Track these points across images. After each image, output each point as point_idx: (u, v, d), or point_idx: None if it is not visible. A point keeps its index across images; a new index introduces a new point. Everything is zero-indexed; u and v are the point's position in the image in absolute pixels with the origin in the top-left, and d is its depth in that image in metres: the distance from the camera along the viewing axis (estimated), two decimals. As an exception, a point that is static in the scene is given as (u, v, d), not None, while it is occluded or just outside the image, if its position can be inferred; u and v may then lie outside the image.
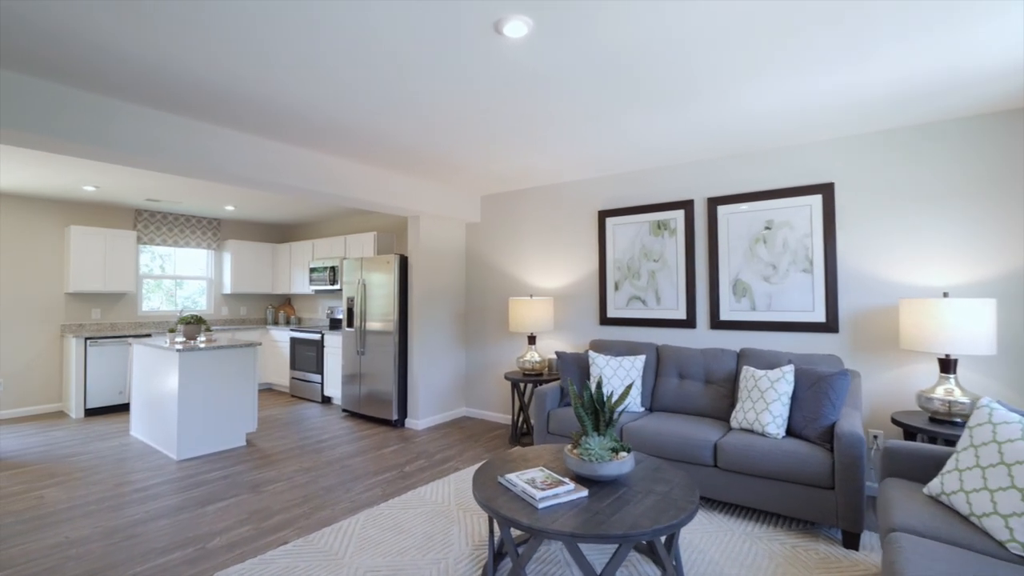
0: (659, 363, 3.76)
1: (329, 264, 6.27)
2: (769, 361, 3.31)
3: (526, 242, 4.95)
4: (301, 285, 6.90)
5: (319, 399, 6.08)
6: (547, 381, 4.16)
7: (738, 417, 3.09)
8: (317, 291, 6.50)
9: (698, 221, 3.93)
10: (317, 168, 3.77)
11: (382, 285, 5.06)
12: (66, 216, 5.72)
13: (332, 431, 4.76)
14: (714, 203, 3.84)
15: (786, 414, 2.90)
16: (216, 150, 3.19)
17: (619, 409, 3.38)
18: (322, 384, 6.04)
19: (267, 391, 6.85)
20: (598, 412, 2.21)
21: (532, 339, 4.39)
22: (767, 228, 3.63)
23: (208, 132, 3.16)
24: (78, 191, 5.13)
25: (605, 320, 4.35)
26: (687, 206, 3.96)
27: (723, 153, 3.76)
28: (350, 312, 5.39)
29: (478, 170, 4.26)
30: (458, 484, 3.37)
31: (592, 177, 4.50)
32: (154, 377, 4.28)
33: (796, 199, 3.51)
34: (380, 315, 5.06)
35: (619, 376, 3.58)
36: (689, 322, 3.92)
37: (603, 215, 4.39)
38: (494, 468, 2.36)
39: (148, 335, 5.74)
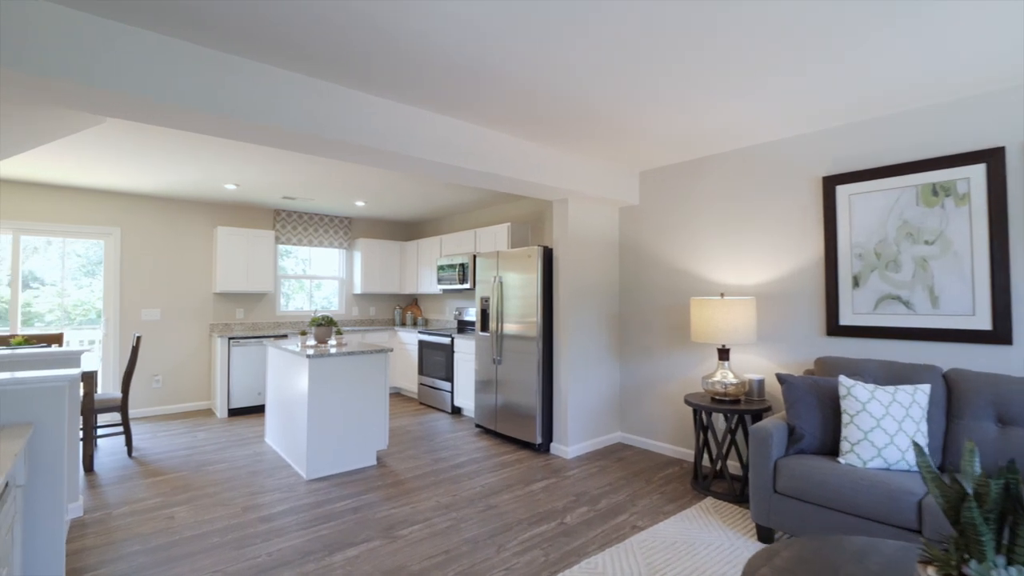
0: (951, 397, 2.48)
1: (458, 261, 5.70)
2: None
3: (703, 228, 3.85)
4: (428, 284, 6.46)
5: (449, 409, 5.53)
6: (752, 412, 3.04)
7: None
8: (445, 291, 5.98)
9: (1013, 180, 2.55)
10: (454, 136, 3.08)
11: (522, 283, 4.29)
12: (213, 217, 5.83)
13: (467, 452, 4.09)
14: (1047, 149, 2.45)
15: None
16: (335, 114, 2.61)
17: None
18: (452, 393, 5.47)
19: (395, 395, 6.51)
20: (1015, 516, 1.12)
21: (724, 353, 3.30)
22: None
23: (325, 91, 2.59)
24: (221, 190, 5.10)
25: (836, 329, 3.10)
26: (990, 157, 2.59)
27: (1069, 67, 2.36)
28: (484, 314, 4.72)
29: (646, 132, 3.29)
30: (649, 557, 2.42)
31: (808, 132, 3.28)
32: (285, 381, 3.95)
33: None
34: (519, 317, 4.30)
35: (893, 415, 2.37)
36: (998, 335, 2.55)
37: (830, 182, 3.15)
38: (770, 587, 1.38)
39: (284, 335, 5.63)
